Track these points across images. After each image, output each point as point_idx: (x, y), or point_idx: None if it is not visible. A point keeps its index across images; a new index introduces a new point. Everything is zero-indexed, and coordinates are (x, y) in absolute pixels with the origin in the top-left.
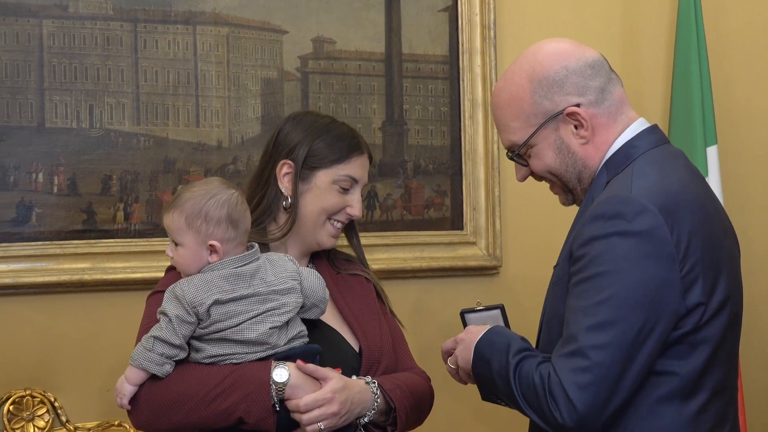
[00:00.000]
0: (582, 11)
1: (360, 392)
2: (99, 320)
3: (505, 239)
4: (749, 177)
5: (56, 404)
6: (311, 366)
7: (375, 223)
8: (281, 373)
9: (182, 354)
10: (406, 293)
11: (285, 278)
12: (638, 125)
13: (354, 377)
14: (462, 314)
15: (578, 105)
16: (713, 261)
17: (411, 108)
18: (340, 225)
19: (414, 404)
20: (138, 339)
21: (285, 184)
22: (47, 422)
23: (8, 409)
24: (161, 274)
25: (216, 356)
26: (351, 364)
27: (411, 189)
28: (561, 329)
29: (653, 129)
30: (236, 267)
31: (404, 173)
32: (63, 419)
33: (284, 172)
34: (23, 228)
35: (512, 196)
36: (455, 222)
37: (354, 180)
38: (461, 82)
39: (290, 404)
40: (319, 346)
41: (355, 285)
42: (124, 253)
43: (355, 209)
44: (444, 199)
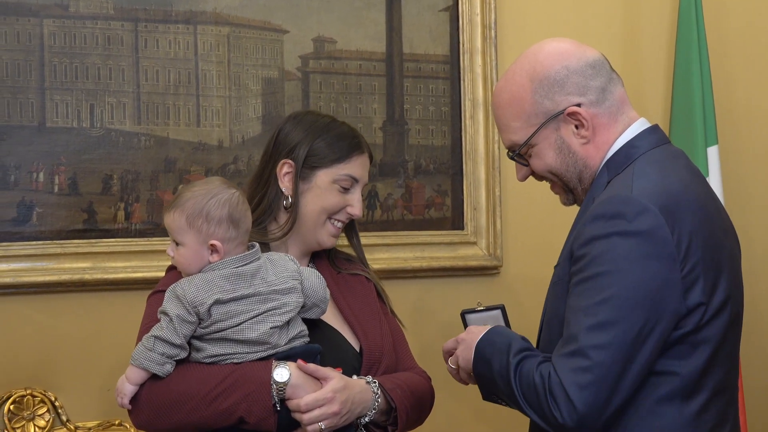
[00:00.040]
0: (583, 11)
1: (361, 392)
2: (99, 320)
3: (506, 239)
4: (750, 177)
5: (57, 404)
6: (312, 366)
7: (376, 223)
8: (282, 373)
9: (183, 354)
10: (407, 293)
11: (286, 278)
12: (639, 125)
13: (355, 377)
14: (463, 314)
15: (579, 105)
16: (714, 261)
17: (412, 108)
18: (341, 224)
19: (415, 404)
20: (139, 338)
21: (285, 184)
22: (48, 422)
23: (9, 409)
24: (162, 274)
25: (217, 356)
26: (352, 364)
27: (412, 189)
28: (561, 329)
29: (654, 129)
30: (237, 267)
31: (405, 173)
32: (63, 419)
33: (285, 172)
34: (24, 227)
35: (513, 196)
36: (456, 222)
37: (354, 179)
38: (462, 82)
39: (291, 404)
40: (320, 346)
41: (356, 285)
42: (125, 253)
43: (356, 209)
44: (445, 199)
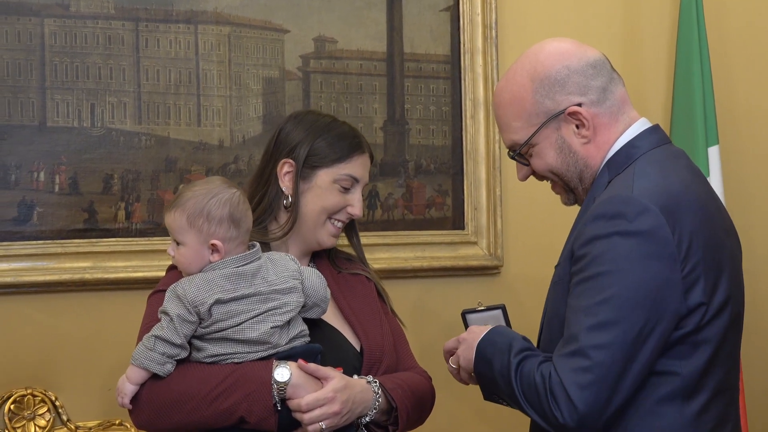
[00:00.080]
0: (583, 11)
1: (361, 392)
2: (100, 319)
3: (507, 239)
4: (751, 177)
5: (57, 403)
6: (313, 365)
7: (376, 223)
8: (283, 373)
9: (183, 353)
10: (407, 293)
11: (286, 277)
12: (640, 125)
13: (355, 377)
14: (463, 314)
15: (580, 104)
16: (715, 261)
17: (412, 107)
18: (341, 224)
19: (415, 404)
20: (139, 338)
21: (286, 183)
22: (48, 421)
23: (9, 408)
24: (162, 274)
25: (217, 355)
26: (352, 364)
27: (412, 188)
28: (562, 329)
29: (655, 129)
30: (238, 266)
31: (405, 173)
32: (64, 418)
33: (285, 171)
34: (24, 227)
35: (513, 196)
36: (456, 222)
37: (355, 179)
38: (463, 82)
39: (292, 404)
40: (321, 346)
41: (356, 284)
42: (126, 252)
43: (356, 209)
44: (445, 199)
